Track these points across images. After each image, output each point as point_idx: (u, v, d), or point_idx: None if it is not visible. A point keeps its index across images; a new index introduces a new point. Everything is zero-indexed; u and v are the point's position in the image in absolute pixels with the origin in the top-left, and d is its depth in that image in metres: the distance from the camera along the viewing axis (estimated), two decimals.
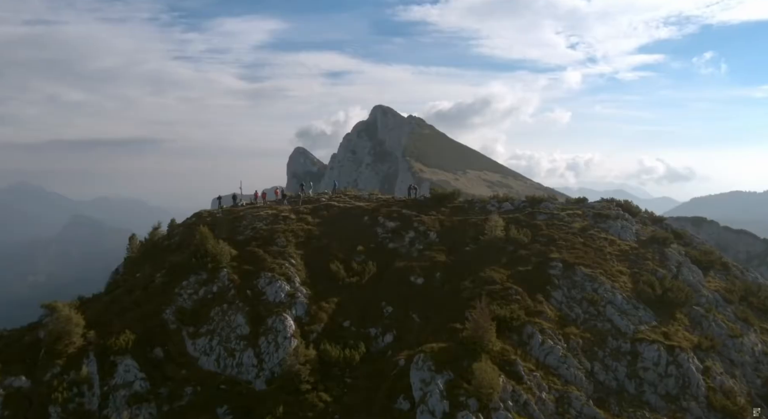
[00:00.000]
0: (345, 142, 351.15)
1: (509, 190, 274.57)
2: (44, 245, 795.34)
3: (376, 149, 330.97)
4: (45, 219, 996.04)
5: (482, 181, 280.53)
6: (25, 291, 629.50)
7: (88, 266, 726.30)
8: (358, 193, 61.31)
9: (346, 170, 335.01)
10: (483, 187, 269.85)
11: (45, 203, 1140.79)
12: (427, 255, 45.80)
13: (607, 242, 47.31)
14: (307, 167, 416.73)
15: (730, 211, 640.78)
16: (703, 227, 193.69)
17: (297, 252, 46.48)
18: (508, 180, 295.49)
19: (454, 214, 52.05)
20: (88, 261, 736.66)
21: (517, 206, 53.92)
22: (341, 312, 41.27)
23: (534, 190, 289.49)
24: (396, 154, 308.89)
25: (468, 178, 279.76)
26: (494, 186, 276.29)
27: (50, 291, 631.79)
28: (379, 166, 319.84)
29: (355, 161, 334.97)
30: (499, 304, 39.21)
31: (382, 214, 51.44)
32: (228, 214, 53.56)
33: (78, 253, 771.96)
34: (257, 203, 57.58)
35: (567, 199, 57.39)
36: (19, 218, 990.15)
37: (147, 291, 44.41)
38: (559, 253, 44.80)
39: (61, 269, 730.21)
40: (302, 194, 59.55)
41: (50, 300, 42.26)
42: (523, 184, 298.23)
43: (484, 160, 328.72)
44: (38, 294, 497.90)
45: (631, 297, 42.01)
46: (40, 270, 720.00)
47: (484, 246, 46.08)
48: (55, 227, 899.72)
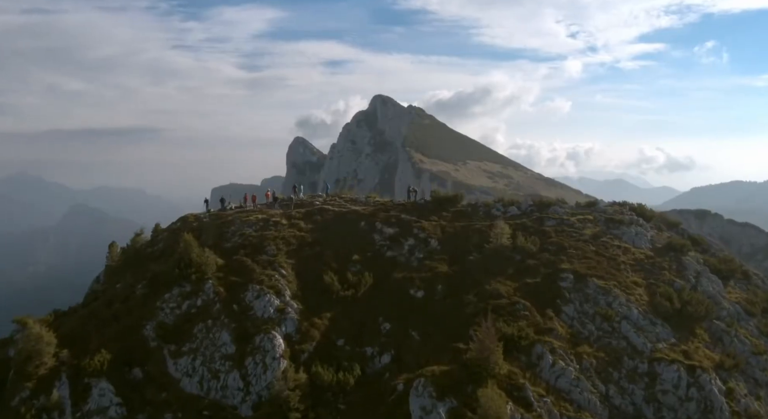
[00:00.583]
0: (344, 131, 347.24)
1: (510, 180, 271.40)
2: (44, 235, 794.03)
3: (376, 139, 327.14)
4: (44, 209, 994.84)
5: (482, 172, 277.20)
6: (25, 282, 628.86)
7: (87, 256, 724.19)
8: (354, 195, 57.85)
9: (345, 160, 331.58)
10: (483, 178, 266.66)
11: (44, 193, 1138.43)
12: (427, 265, 42.59)
13: (620, 250, 44.13)
14: (306, 157, 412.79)
15: (730, 201, 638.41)
16: (706, 220, 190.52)
17: (288, 261, 43.29)
18: (509, 170, 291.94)
19: (456, 219, 48.74)
20: (88, 251, 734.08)
21: (524, 210, 50.60)
22: (335, 328, 38.16)
23: (534, 180, 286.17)
24: (396, 144, 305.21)
25: (468, 168, 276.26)
26: (494, 176, 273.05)
27: (50, 281, 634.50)
28: (379, 156, 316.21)
29: (355, 151, 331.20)
30: (506, 321, 36.25)
31: (379, 219, 48.17)
32: (215, 219, 50.20)
33: (78, 243, 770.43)
34: (247, 206, 54.12)
35: (576, 202, 54.08)
36: (18, 208, 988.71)
37: (127, 303, 41.35)
38: (570, 263, 41.67)
39: (60, 259, 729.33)
40: (294, 197, 56.28)
41: (22, 316, 39.31)
42: (524, 174, 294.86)
43: (484, 150, 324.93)
44: (38, 284, 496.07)
45: (647, 311, 38.99)
46: (39, 260, 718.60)
47: (489, 255, 42.89)
48: (55, 217, 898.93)
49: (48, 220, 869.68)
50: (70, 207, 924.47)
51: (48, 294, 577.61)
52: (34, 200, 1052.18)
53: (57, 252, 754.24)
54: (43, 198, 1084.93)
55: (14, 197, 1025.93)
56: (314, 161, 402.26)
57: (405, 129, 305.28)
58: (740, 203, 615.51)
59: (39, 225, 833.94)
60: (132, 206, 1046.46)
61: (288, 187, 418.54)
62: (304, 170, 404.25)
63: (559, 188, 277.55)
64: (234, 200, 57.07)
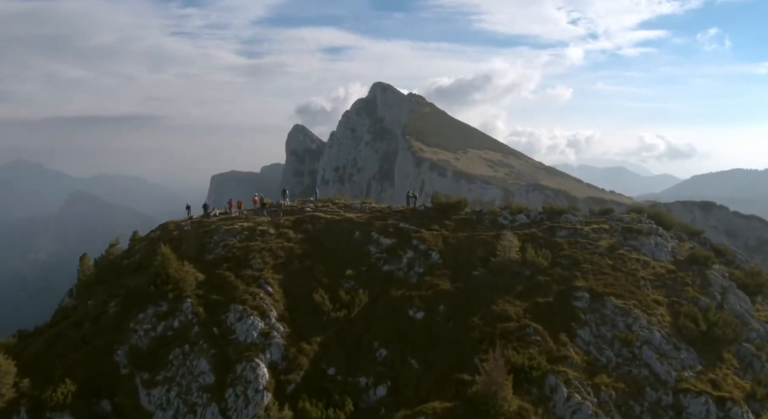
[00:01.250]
0: (344, 119, 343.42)
1: (511, 169, 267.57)
2: (44, 222, 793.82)
3: (376, 127, 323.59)
4: (44, 197, 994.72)
5: (483, 161, 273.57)
6: (25, 269, 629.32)
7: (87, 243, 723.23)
8: (348, 201, 53.86)
9: (345, 148, 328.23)
10: (484, 167, 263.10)
11: (44, 180, 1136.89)
12: (428, 281, 38.66)
13: (639, 264, 40.21)
14: (306, 145, 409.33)
15: (731, 189, 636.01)
16: (712, 212, 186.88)
17: (275, 276, 39.45)
18: (510, 159, 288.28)
19: (459, 229, 44.77)
20: (88, 239, 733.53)
21: (533, 219, 46.54)
22: (325, 355, 34.37)
23: (535, 169, 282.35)
24: (396, 132, 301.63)
25: (468, 157, 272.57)
26: (495, 165, 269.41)
27: (50, 268, 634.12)
28: (379, 145, 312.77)
29: (354, 139, 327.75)
30: (515, 348, 32.55)
31: (375, 229, 44.25)
32: (197, 227, 46.22)
33: (78, 230, 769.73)
34: (232, 213, 50.16)
35: (590, 209, 50.15)
36: (18, 196, 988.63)
37: (98, 324, 37.63)
38: (585, 280, 37.80)
39: (60, 247, 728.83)
40: (284, 203, 52.36)
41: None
42: (525, 163, 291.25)
43: (484, 138, 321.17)
44: (39, 272, 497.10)
45: (671, 334, 35.24)
46: (40, 247, 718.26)
47: (495, 271, 38.99)
48: (55, 204, 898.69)
49: (48, 208, 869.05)
50: (69, 194, 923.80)
51: (49, 281, 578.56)
52: (33, 188, 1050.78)
53: (57, 240, 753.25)
54: (42, 185, 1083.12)
55: (14, 185, 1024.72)
56: (314, 149, 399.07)
57: (405, 117, 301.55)
58: (741, 191, 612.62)
59: (39, 212, 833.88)
60: (132, 194, 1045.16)
61: (288, 174, 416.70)
62: (303, 158, 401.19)
63: (561, 177, 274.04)
64: (224, 205, 53.20)
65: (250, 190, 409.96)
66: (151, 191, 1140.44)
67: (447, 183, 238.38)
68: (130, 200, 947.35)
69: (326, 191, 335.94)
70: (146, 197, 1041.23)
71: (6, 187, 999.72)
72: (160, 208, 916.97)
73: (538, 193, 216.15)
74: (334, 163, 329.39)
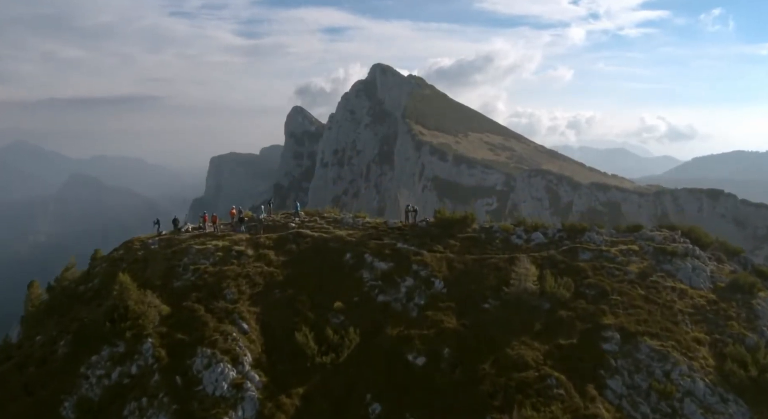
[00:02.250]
0: (343, 101, 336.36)
1: (512, 153, 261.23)
2: (43, 204, 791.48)
3: (375, 109, 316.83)
4: (44, 178, 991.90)
5: (484, 144, 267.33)
6: (25, 251, 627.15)
7: (87, 225, 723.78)
8: (338, 215, 48.08)
9: (344, 131, 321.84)
10: (485, 150, 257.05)
11: (44, 162, 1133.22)
12: (430, 316, 32.94)
13: (676, 294, 34.44)
14: (305, 127, 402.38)
15: (732, 171, 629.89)
16: (720, 200, 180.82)
17: (251, 309, 33.85)
18: (511, 142, 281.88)
19: (467, 249, 38.91)
20: (88, 220, 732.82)
21: (551, 237, 40.64)
22: (308, 411, 28.83)
23: (537, 153, 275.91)
24: (395, 114, 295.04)
25: (469, 140, 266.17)
26: (496, 149, 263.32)
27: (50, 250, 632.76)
28: (378, 127, 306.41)
29: (354, 121, 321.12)
30: (535, 404, 27.15)
31: (369, 250, 38.49)
32: (166, 246, 40.30)
33: (77, 212, 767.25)
34: (206, 229, 44.17)
35: (616, 226, 44.19)
36: (18, 177, 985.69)
37: (44, 367, 32.19)
38: (615, 316, 32.15)
39: (60, 228, 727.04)
40: (265, 215, 46.52)
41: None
42: (526, 146, 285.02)
43: (485, 121, 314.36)
44: (39, 254, 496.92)
45: (716, 382, 29.69)
46: (40, 229, 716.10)
47: (509, 303, 33.32)
48: (54, 186, 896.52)
49: (47, 190, 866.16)
50: (69, 176, 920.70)
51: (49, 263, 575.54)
52: (33, 169, 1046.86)
53: (57, 222, 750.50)
54: (42, 167, 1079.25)
55: (13, 166, 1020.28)
56: (313, 131, 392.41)
57: (405, 99, 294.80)
58: (742, 173, 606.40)
59: (38, 194, 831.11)
60: (132, 175, 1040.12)
61: (287, 157, 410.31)
62: (302, 140, 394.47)
63: (562, 161, 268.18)
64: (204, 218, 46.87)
65: (249, 172, 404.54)
66: (150, 172, 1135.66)
67: (447, 167, 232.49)
68: (130, 181, 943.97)
69: (325, 174, 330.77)
70: (146, 178, 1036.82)
71: (5, 169, 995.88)
72: (160, 190, 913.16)
73: (540, 178, 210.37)
74: (333, 146, 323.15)
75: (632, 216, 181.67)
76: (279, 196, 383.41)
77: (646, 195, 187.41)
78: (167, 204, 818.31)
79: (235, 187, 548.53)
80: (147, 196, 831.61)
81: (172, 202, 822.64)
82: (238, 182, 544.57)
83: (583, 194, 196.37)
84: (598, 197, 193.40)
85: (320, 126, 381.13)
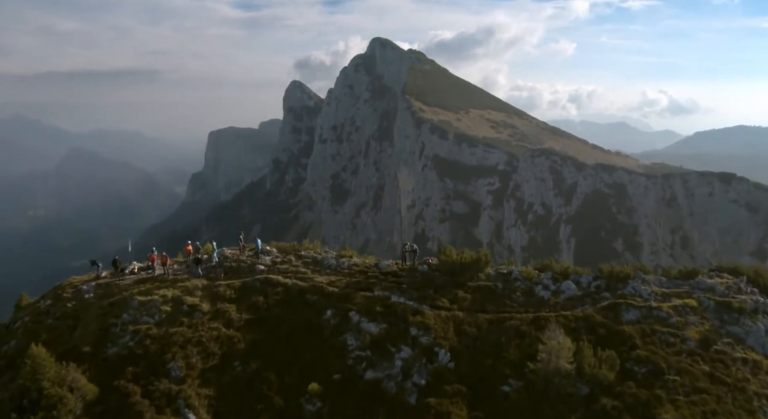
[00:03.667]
0: (342, 76, 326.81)
1: (514, 130, 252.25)
2: (43, 178, 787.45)
3: (375, 84, 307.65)
4: (43, 153, 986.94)
5: (485, 121, 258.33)
6: (25, 226, 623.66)
7: (86, 199, 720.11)
8: (318, 252, 38.64)
9: (343, 106, 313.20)
10: (487, 128, 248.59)
11: (42, 136, 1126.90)
12: (434, 407, 24.94)
13: (748, 368, 26.50)
14: (303, 101, 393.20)
15: (734, 146, 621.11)
16: (732, 185, 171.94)
17: (202, 392, 26.05)
18: (513, 119, 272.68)
19: (479, 304, 30.92)
20: (87, 194, 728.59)
21: (586, 288, 32.56)
22: None
23: (540, 130, 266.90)
24: (395, 89, 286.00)
25: (470, 117, 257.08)
26: (498, 126, 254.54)
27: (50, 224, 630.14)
28: (378, 103, 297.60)
29: (353, 97, 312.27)
30: None
31: (356, 305, 30.51)
32: (103, 296, 32.10)
33: (76, 186, 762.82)
34: (154, 271, 35.85)
35: (664, 270, 35.89)
36: (17, 151, 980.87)
37: None
38: (674, 406, 24.28)
39: (59, 202, 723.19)
40: (229, 251, 37.83)
41: None
42: (528, 123, 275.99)
43: (486, 97, 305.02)
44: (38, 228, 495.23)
45: None
46: (39, 203, 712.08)
47: (536, 386, 25.53)
48: (53, 160, 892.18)
49: (46, 164, 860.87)
50: (68, 150, 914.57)
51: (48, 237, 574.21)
52: (32, 143, 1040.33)
53: (56, 196, 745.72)
54: (41, 141, 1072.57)
55: (12, 140, 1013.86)
56: (311, 106, 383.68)
57: (404, 74, 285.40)
58: (744, 148, 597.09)
59: (38, 168, 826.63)
60: (130, 149, 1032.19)
61: (285, 132, 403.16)
62: (301, 115, 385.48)
63: (565, 138, 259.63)
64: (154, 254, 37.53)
65: (248, 146, 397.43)
66: (149, 146, 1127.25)
67: (448, 146, 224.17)
68: (129, 155, 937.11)
69: (324, 150, 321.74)
70: (145, 152, 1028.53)
71: (4, 143, 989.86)
72: (159, 164, 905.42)
73: (544, 159, 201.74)
74: (332, 122, 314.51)
75: (638, 199, 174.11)
76: (278, 171, 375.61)
77: (653, 177, 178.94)
78: (166, 178, 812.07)
79: (233, 162, 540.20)
80: (146, 170, 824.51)
81: (170, 175, 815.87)
82: (236, 157, 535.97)
83: (588, 175, 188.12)
84: (603, 178, 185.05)
85: (319, 101, 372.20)
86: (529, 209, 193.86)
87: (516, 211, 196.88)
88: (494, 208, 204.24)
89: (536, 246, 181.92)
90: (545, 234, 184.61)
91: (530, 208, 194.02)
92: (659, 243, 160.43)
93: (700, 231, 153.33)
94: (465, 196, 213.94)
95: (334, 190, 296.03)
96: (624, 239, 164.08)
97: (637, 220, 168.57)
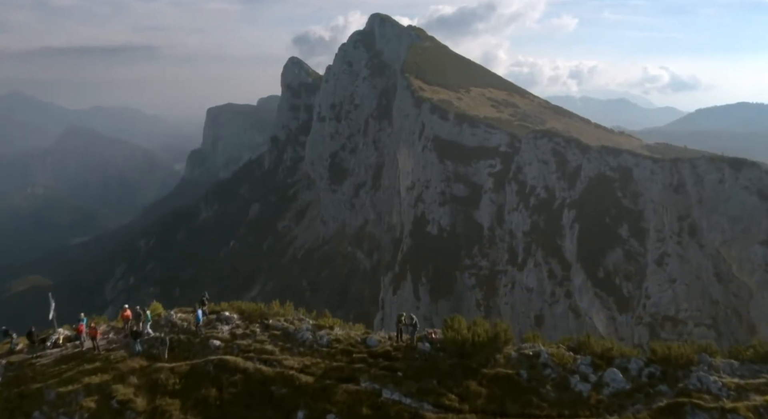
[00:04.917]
0: (341, 53, 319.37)
1: (516, 110, 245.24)
2: (41, 156, 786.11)
3: (374, 61, 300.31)
4: (41, 130, 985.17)
5: (486, 100, 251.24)
6: (24, 204, 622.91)
7: (84, 177, 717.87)
8: (291, 323, 30.68)
9: (341, 84, 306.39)
10: (488, 107, 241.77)
11: (40, 113, 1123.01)
12: None
13: None
14: (301, 78, 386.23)
15: (736, 123, 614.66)
16: (743, 171, 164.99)
17: None
18: (514, 98, 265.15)
19: (497, 402, 23.50)
20: (86, 172, 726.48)
21: (635, 378, 24.91)
22: None
23: (542, 109, 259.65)
24: (394, 67, 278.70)
25: (471, 97, 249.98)
26: (499, 105, 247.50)
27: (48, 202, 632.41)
28: (377, 80, 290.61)
29: (352, 74, 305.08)
30: None
31: (336, 405, 23.56)
32: (13, 381, 26.30)
33: (75, 163, 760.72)
34: (82, 345, 29.08)
35: (734, 349, 27.09)
36: (15, 128, 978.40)
37: None
38: None
39: (58, 180, 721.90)
40: (186, 318, 31.54)
41: None
42: (530, 102, 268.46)
43: (487, 74, 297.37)
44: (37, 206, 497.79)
45: None
46: (38, 181, 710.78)
47: None
48: (52, 137, 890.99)
49: (44, 141, 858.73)
50: (66, 127, 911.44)
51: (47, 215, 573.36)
52: (29, 120, 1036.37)
53: (54, 174, 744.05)
54: (39, 118, 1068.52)
55: (10, 117, 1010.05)
56: (309, 82, 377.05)
57: (404, 51, 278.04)
58: (746, 125, 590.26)
59: (36, 146, 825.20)
60: (129, 126, 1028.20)
61: (283, 109, 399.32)
62: (299, 92, 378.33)
63: (567, 117, 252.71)
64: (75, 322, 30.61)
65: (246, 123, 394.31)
66: (148, 123, 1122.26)
67: (449, 127, 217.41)
68: (127, 132, 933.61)
69: (323, 128, 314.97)
70: (143, 129, 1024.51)
71: (1, 120, 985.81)
72: (157, 141, 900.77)
73: (547, 140, 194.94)
74: (330, 100, 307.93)
75: (645, 183, 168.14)
76: (276, 149, 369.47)
77: (660, 161, 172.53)
78: (165, 155, 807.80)
79: (232, 139, 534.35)
80: (144, 147, 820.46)
81: (170, 152, 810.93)
82: (235, 134, 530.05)
83: (593, 158, 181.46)
84: (608, 162, 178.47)
85: (317, 78, 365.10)
86: (532, 192, 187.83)
87: (518, 195, 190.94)
88: (495, 191, 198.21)
89: (538, 231, 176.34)
90: (548, 218, 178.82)
91: (532, 191, 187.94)
92: (666, 230, 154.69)
93: (708, 219, 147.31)
94: (465, 179, 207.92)
95: (332, 169, 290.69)
96: (629, 225, 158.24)
97: (643, 206, 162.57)
